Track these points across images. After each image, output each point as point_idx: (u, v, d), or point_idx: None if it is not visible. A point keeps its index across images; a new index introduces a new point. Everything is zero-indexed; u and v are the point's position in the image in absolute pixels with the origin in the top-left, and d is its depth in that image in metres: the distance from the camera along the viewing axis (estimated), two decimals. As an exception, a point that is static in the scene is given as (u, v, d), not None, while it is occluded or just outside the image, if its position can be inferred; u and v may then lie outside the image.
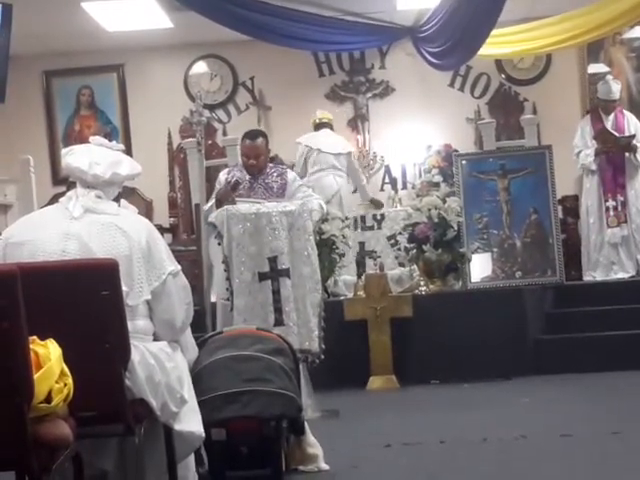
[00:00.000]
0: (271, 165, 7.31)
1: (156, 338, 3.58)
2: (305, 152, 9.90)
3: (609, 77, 10.16)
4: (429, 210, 8.45)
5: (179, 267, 3.66)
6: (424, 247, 8.40)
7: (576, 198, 10.44)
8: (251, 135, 7.24)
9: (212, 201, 7.03)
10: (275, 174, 7.13)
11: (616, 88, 9.88)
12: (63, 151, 3.73)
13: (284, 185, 7.04)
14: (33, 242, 3.42)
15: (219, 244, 6.52)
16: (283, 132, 10.71)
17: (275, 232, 6.30)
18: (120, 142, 11.70)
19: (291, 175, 7.24)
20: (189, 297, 3.74)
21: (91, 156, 3.63)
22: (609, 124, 9.79)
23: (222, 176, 7.24)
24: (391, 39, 11.29)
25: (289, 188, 7.03)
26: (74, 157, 3.63)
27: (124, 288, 3.29)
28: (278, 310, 6.26)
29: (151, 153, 11.45)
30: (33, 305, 2.69)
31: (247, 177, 7.11)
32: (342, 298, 8.36)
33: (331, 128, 10.21)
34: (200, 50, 11.85)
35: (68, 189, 3.74)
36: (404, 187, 11.38)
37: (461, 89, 11.79)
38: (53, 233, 3.44)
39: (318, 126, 10.17)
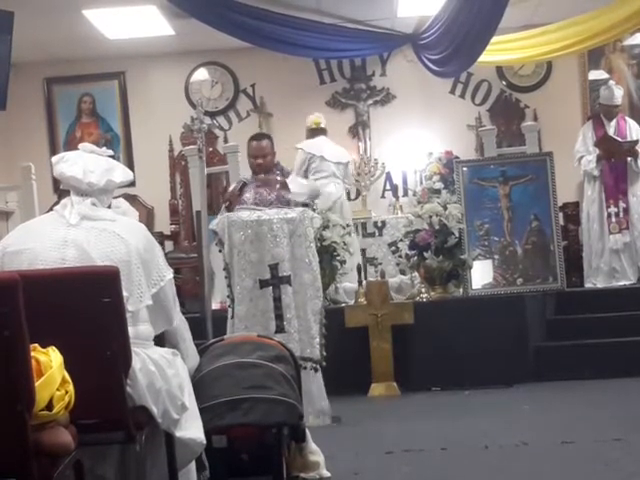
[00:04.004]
0: (277, 172, 7.36)
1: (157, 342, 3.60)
2: (307, 159, 9.86)
3: (612, 82, 10.17)
4: (430, 217, 8.46)
5: (172, 270, 3.68)
6: (425, 254, 8.41)
7: (577, 205, 10.45)
8: (257, 137, 7.42)
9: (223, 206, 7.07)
10: (280, 177, 7.20)
11: (619, 93, 9.90)
12: (54, 159, 3.69)
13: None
14: (32, 250, 3.41)
15: (220, 251, 6.54)
16: (284, 139, 10.67)
17: (276, 239, 6.32)
18: (121, 150, 11.70)
19: (291, 180, 7.32)
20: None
21: (85, 164, 3.62)
22: (611, 130, 9.81)
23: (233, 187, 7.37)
24: (392, 46, 11.30)
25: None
26: (67, 165, 3.61)
27: (124, 293, 3.29)
28: (279, 317, 6.27)
29: (152, 160, 11.47)
30: (34, 313, 2.69)
31: (255, 182, 7.16)
32: (343, 305, 8.35)
33: (325, 134, 10.15)
34: (201, 57, 11.86)
35: (60, 198, 3.73)
36: (405, 194, 11.38)
37: (462, 96, 11.79)
38: (51, 241, 3.43)
39: (314, 131, 10.11)
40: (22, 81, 11.06)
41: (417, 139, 11.51)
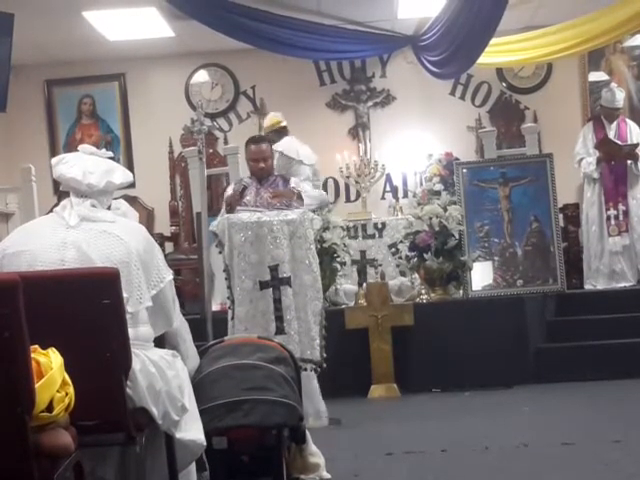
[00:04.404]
0: (276, 174, 7.35)
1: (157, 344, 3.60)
2: (286, 163, 9.59)
3: (614, 85, 10.17)
4: (430, 218, 8.45)
5: (172, 272, 3.68)
6: (425, 256, 8.40)
7: (577, 206, 10.45)
8: (255, 140, 7.35)
9: (223, 209, 7.04)
10: (281, 181, 7.18)
11: (620, 96, 9.90)
12: (53, 160, 3.69)
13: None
14: (31, 252, 3.41)
15: (220, 252, 6.54)
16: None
17: (276, 240, 6.31)
18: (121, 151, 11.65)
19: (293, 182, 7.30)
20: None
21: (84, 165, 3.62)
22: (612, 133, 9.81)
23: (230, 189, 7.30)
24: (392, 48, 11.30)
25: None
26: (67, 167, 3.61)
27: (124, 295, 3.29)
28: (279, 319, 6.27)
29: (152, 162, 11.47)
30: (34, 314, 2.69)
31: (254, 184, 7.14)
32: (343, 307, 8.35)
33: (288, 133, 9.59)
34: (201, 59, 11.86)
35: (59, 199, 3.73)
36: (405, 195, 11.37)
37: (462, 97, 11.79)
38: (51, 242, 3.43)
39: (279, 132, 9.58)
40: (22, 83, 11.07)
41: (417, 141, 11.51)
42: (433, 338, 7.99)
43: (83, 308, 3.17)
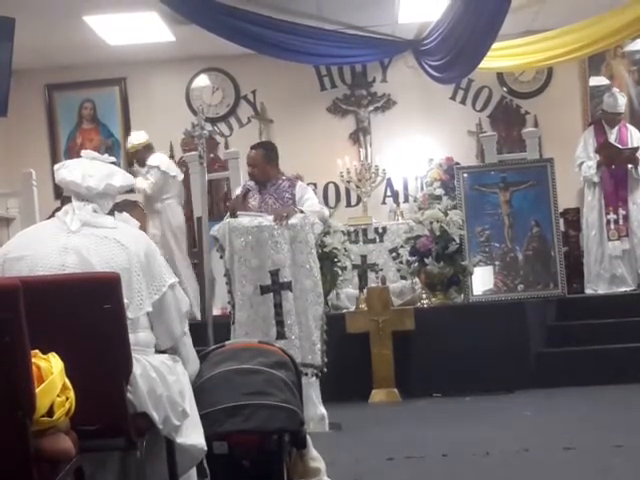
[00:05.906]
0: (284, 177, 7.25)
1: (157, 346, 3.59)
2: (160, 178, 9.50)
3: (616, 90, 10.16)
4: (431, 223, 8.46)
5: (177, 279, 3.66)
6: (426, 260, 8.41)
7: (578, 211, 10.43)
8: (253, 146, 7.30)
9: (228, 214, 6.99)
10: (287, 185, 7.09)
11: (622, 101, 9.88)
12: (56, 166, 3.71)
13: (294, 196, 6.99)
14: (32, 257, 3.41)
15: (221, 257, 6.53)
16: (285, 145, 10.67)
17: (277, 245, 6.31)
18: (122, 156, 11.65)
19: (299, 187, 7.21)
20: (186, 307, 3.73)
21: (84, 169, 3.63)
22: (612, 137, 9.80)
23: (237, 191, 7.28)
24: (393, 52, 11.30)
25: (298, 200, 7.00)
26: (67, 171, 3.62)
27: (124, 300, 3.28)
28: (280, 323, 6.27)
29: (153, 166, 11.47)
30: (35, 319, 2.68)
31: (257, 188, 7.04)
32: (344, 311, 8.35)
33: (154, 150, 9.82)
34: (202, 63, 11.87)
35: (62, 204, 3.73)
36: (406, 200, 11.37)
37: (463, 102, 11.79)
38: (52, 247, 3.43)
39: (147, 148, 9.76)
40: (23, 87, 11.07)
41: (418, 145, 11.51)
42: (434, 343, 7.98)
43: (84, 313, 3.17)
